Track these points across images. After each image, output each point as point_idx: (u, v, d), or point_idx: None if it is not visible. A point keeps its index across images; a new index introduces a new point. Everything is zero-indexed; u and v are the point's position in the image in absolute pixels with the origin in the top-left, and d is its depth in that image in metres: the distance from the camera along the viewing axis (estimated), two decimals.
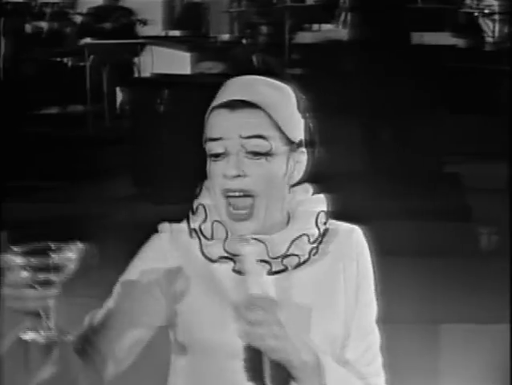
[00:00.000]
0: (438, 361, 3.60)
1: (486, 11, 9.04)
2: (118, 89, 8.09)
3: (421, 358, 3.46)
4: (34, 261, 1.22)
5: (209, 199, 1.49)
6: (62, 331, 1.26)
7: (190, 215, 1.50)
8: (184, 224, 1.51)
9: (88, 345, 1.42)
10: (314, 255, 1.48)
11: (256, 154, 1.43)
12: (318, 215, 1.50)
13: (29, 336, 1.25)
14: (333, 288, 1.50)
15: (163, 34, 9.57)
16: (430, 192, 5.77)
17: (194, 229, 1.49)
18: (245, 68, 7.54)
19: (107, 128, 7.92)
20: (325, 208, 1.51)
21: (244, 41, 8.48)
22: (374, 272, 1.56)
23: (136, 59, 8.48)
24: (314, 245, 1.48)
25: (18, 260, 1.23)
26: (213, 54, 8.22)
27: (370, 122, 6.13)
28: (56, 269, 1.24)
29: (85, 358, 1.40)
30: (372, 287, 1.54)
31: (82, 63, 8.26)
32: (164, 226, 1.52)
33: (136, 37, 8.65)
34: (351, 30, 6.83)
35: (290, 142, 1.47)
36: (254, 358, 1.37)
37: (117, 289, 1.49)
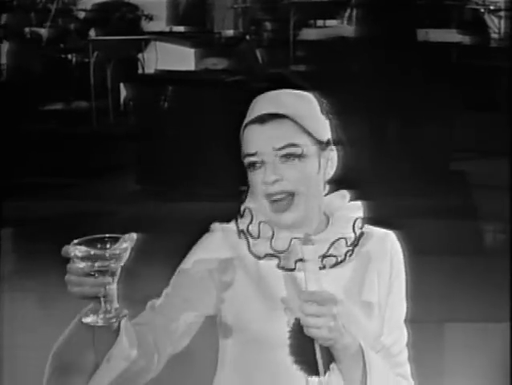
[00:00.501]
0: (447, 359, 3.58)
1: (492, 7, 9.00)
2: (122, 85, 8.08)
3: (429, 356, 3.44)
4: (92, 251, 1.35)
5: (253, 203, 1.66)
6: (120, 314, 1.40)
7: (238, 218, 1.67)
8: (232, 225, 1.68)
9: (148, 326, 1.59)
10: (349, 256, 1.63)
11: (289, 157, 1.59)
12: (355, 221, 1.65)
13: (89, 319, 1.39)
14: (367, 286, 1.65)
15: (167, 29, 9.55)
16: (438, 190, 5.75)
17: (242, 230, 1.65)
18: (250, 64, 7.52)
19: (112, 124, 7.92)
20: (361, 215, 1.67)
21: (248, 37, 8.46)
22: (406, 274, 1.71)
23: (140, 55, 8.47)
24: (350, 248, 1.63)
25: (78, 251, 1.36)
26: (217, 50, 8.21)
27: (374, 119, 6.10)
28: (112, 258, 1.36)
29: (144, 338, 1.56)
30: (404, 288, 1.70)
31: (86, 60, 8.25)
32: (216, 226, 1.69)
33: (140, 33, 8.64)
34: (357, 27, 6.81)
35: (318, 142, 1.63)
36: (303, 345, 1.53)
37: (174, 278, 1.66)
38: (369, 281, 1.65)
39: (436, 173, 6.13)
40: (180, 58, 8.32)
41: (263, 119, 1.60)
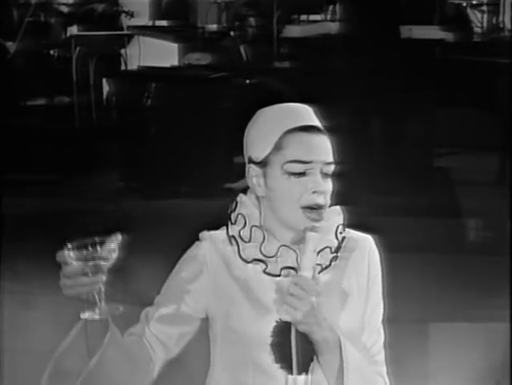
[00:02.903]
0: (434, 359, 3.58)
1: (474, 2, 9.01)
2: (105, 81, 8.04)
3: (415, 357, 3.44)
4: (84, 252, 1.50)
5: (245, 209, 1.74)
6: (113, 308, 1.54)
7: (229, 224, 1.74)
8: (221, 232, 1.76)
9: (142, 336, 1.71)
10: (334, 261, 1.73)
11: (326, 175, 1.70)
12: (337, 228, 1.74)
13: (86, 315, 1.53)
14: (348, 288, 1.75)
15: (150, 24, 9.51)
16: (422, 187, 5.75)
17: (233, 236, 1.73)
18: (234, 60, 7.51)
19: (94, 120, 7.88)
20: (342, 220, 1.76)
21: (232, 33, 8.43)
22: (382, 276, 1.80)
23: (123, 51, 8.43)
24: (335, 254, 1.73)
25: (71, 254, 1.50)
26: (201, 45, 8.19)
27: (357, 116, 6.10)
28: (102, 257, 1.51)
29: (139, 347, 1.69)
30: (381, 291, 1.80)
31: (68, 55, 8.21)
32: (204, 234, 1.76)
33: (122, 28, 8.61)
34: (340, 23, 6.81)
35: None
36: (283, 344, 1.64)
37: (165, 287, 1.76)
38: (350, 282, 1.75)
39: (420, 170, 6.13)
40: (164, 53, 8.30)
41: (313, 131, 1.69)
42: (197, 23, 9.51)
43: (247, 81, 6.21)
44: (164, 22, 9.52)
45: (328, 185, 1.70)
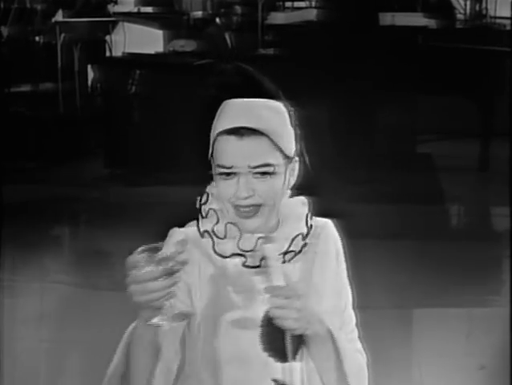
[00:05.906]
0: (417, 345, 3.61)
1: None
2: (90, 68, 8.03)
3: (399, 344, 3.47)
4: (155, 256, 1.45)
5: (217, 204, 1.72)
6: (182, 314, 1.52)
7: (200, 218, 1.73)
8: (192, 228, 1.73)
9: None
10: (305, 248, 1.75)
11: (263, 174, 1.67)
12: (306, 216, 1.76)
13: (155, 320, 1.48)
14: (317, 274, 1.77)
15: (135, 10, 9.48)
16: (405, 173, 5.78)
17: (206, 231, 1.72)
18: (219, 47, 7.51)
19: (79, 107, 7.87)
20: (307, 210, 1.77)
21: (217, 20, 8.43)
22: (346, 258, 1.83)
23: (107, 37, 8.41)
24: (306, 241, 1.75)
25: (142, 257, 1.46)
26: (186, 32, 8.19)
27: (341, 104, 6.13)
28: (173, 260, 1.46)
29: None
30: (345, 272, 1.83)
31: (53, 42, 8.19)
32: (174, 231, 1.70)
33: (107, 15, 8.59)
34: (324, 10, 6.83)
35: (287, 157, 1.71)
36: (273, 333, 1.65)
37: None
38: (319, 266, 1.79)
39: (404, 156, 6.17)
40: (149, 40, 8.29)
41: (240, 132, 1.66)
42: (183, 10, 9.49)
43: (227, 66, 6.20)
44: (149, 9, 9.49)
45: (261, 185, 1.67)
